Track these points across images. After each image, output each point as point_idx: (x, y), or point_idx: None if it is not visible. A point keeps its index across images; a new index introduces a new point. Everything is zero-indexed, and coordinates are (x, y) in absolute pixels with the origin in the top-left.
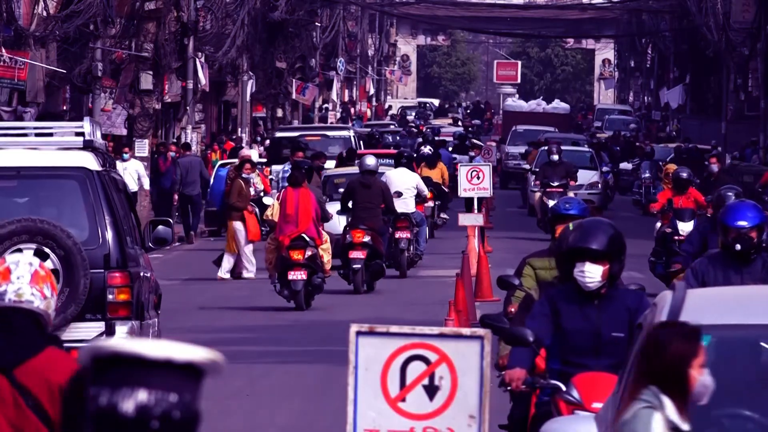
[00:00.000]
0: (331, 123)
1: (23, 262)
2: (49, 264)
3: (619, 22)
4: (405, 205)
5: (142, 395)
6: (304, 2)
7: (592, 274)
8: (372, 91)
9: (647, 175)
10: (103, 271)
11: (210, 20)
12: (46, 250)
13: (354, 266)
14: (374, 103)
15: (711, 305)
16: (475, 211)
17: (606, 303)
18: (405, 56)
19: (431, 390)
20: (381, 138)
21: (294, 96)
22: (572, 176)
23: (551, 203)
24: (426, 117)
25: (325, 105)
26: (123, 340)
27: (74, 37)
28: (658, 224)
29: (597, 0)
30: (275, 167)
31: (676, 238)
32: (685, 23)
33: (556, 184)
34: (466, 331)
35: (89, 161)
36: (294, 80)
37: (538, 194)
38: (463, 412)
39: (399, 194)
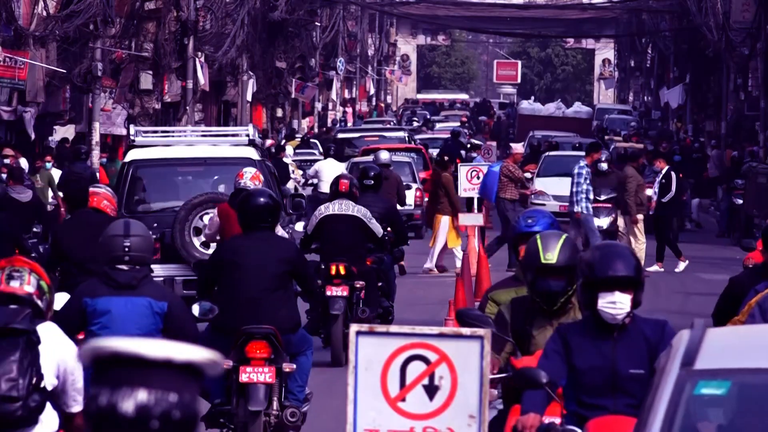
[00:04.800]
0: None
1: (250, 171)
2: None
3: (619, 22)
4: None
5: (142, 395)
6: (304, 2)
7: (623, 304)
8: (372, 91)
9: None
10: None
11: (210, 20)
12: None
13: None
14: (379, 103)
15: (732, 347)
16: (475, 210)
17: (623, 336)
18: (405, 56)
19: (431, 390)
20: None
21: (294, 95)
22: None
23: (597, 222)
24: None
25: (319, 104)
26: (123, 340)
27: (74, 37)
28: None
29: (597, 0)
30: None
31: None
32: (685, 23)
33: (603, 198)
34: (466, 331)
35: (252, 153)
36: (294, 80)
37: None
38: (463, 412)
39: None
